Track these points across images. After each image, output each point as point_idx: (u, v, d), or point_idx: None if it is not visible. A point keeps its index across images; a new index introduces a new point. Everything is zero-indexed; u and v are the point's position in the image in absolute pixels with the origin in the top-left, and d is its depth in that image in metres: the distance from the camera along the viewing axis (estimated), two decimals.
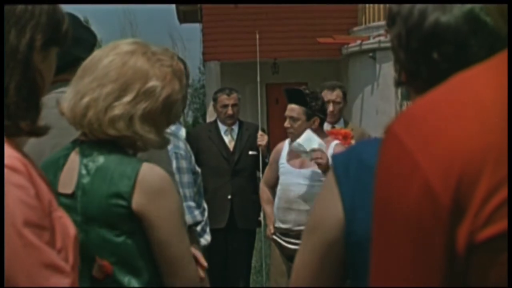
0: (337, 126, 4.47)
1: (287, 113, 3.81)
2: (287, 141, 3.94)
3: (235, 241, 4.62)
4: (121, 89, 1.54)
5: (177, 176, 2.37)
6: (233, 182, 4.58)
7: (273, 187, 4.01)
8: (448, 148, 0.63)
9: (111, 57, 1.57)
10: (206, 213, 2.73)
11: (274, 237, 3.87)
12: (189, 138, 4.90)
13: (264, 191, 4.07)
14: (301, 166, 3.77)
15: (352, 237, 1.04)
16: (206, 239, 2.73)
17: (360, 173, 1.04)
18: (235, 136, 4.72)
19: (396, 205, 0.66)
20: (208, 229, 2.75)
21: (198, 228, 2.64)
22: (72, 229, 1.18)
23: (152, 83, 1.56)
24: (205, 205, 2.74)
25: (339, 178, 1.06)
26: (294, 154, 3.79)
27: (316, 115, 3.80)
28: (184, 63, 2.72)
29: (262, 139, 4.57)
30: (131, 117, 1.53)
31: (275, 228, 3.86)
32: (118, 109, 1.53)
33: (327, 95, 4.47)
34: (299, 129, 3.76)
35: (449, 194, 0.62)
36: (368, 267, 0.70)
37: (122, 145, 1.58)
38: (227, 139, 4.74)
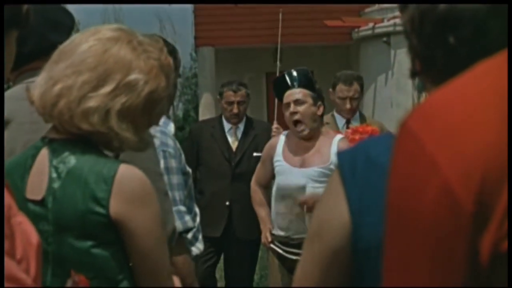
0: (354, 122, 4.49)
1: (289, 98, 3.75)
2: (282, 136, 3.92)
3: (233, 252, 4.63)
4: (100, 78, 1.54)
5: (165, 177, 2.37)
6: (233, 186, 4.61)
7: (266, 187, 4.01)
8: (470, 145, 0.63)
9: (92, 42, 1.57)
10: (198, 219, 2.73)
11: (273, 246, 3.85)
12: (190, 134, 4.97)
13: (256, 191, 4.04)
14: (303, 164, 3.75)
15: (359, 244, 1.04)
16: (198, 248, 2.73)
17: (368, 172, 1.03)
18: (239, 136, 4.76)
19: (411, 210, 0.66)
20: (200, 237, 2.74)
21: (189, 235, 2.63)
22: (34, 237, 1.17)
23: (135, 75, 1.56)
24: (196, 210, 2.74)
25: (344, 178, 1.06)
26: (293, 150, 3.77)
27: (321, 101, 3.80)
28: (174, 49, 2.71)
29: (278, 132, 4.57)
30: (107, 111, 1.53)
31: (272, 235, 3.84)
32: (93, 101, 1.53)
33: (343, 91, 4.48)
34: (306, 113, 3.72)
35: (471, 198, 0.62)
36: (377, 277, 0.71)
37: (96, 143, 1.58)
38: (230, 138, 4.78)
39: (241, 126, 4.78)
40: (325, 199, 1.11)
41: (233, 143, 4.76)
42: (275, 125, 4.76)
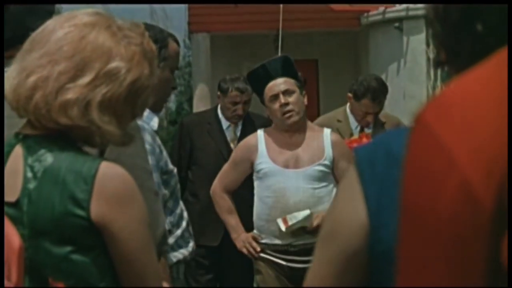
0: (367, 130, 4.48)
1: (275, 90, 3.71)
2: (259, 133, 3.83)
3: (233, 262, 4.61)
4: (77, 68, 1.54)
5: None
6: None
7: (231, 193, 3.94)
8: (489, 140, 0.64)
9: (67, 28, 1.57)
10: (184, 222, 2.72)
11: (265, 255, 3.80)
12: (181, 129, 4.92)
13: (223, 198, 3.95)
14: (295, 163, 3.71)
15: (378, 247, 1.04)
16: (182, 253, 2.72)
17: (388, 168, 1.04)
18: (238, 133, 4.73)
19: (428, 209, 0.67)
20: (188, 243, 2.73)
21: (171, 240, 2.63)
22: (16, 241, 1.18)
23: (116, 63, 1.56)
24: (184, 214, 2.74)
25: (362, 175, 1.07)
26: (279, 148, 3.72)
27: (304, 90, 3.78)
28: (173, 37, 2.70)
29: None
30: (87, 103, 1.54)
31: (263, 245, 3.79)
32: (72, 92, 1.53)
33: (369, 107, 4.43)
34: (298, 103, 3.70)
35: (491, 196, 0.63)
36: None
37: (75, 139, 1.58)
38: (229, 135, 4.75)
39: (240, 123, 4.77)
40: (341, 198, 1.12)
41: (232, 141, 4.73)
42: None
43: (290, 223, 3.62)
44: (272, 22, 11.41)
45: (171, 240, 2.63)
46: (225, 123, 4.76)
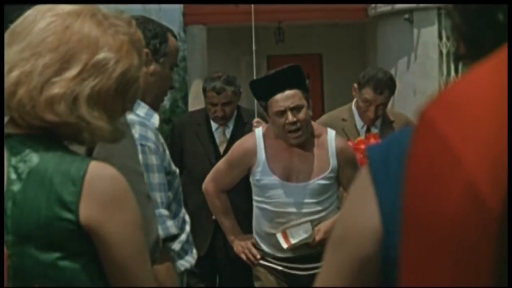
0: (373, 129, 4.46)
1: (283, 105, 3.62)
2: (257, 135, 3.77)
3: (223, 273, 4.61)
4: (63, 60, 1.55)
5: (145, 176, 2.37)
6: None
7: (224, 192, 3.90)
8: (495, 138, 0.64)
9: (49, 18, 1.57)
10: (187, 227, 2.72)
11: (265, 262, 3.79)
12: (172, 131, 4.91)
13: (218, 198, 3.90)
14: (298, 177, 3.66)
15: (392, 253, 1.02)
16: (188, 261, 2.73)
17: (403, 169, 1.02)
18: (228, 135, 4.71)
19: (432, 210, 0.67)
20: (192, 250, 2.74)
21: (177, 246, 2.63)
22: None
23: (104, 54, 1.57)
24: (186, 217, 2.74)
25: (375, 176, 1.06)
26: (280, 157, 3.67)
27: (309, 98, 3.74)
28: (172, 32, 2.71)
29: (258, 126, 4.53)
30: (75, 97, 1.54)
31: (262, 252, 3.78)
32: (58, 87, 1.53)
33: (369, 95, 4.40)
34: (305, 120, 3.64)
35: (498, 197, 0.63)
36: None
37: (62, 137, 1.58)
38: (218, 138, 4.72)
39: (231, 124, 4.73)
40: (351, 201, 1.11)
41: (221, 144, 4.71)
42: (255, 120, 4.63)
43: (292, 241, 3.61)
44: (273, 13, 11.40)
45: (177, 246, 2.63)
46: (214, 124, 4.75)
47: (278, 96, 3.65)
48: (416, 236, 0.70)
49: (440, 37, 10.30)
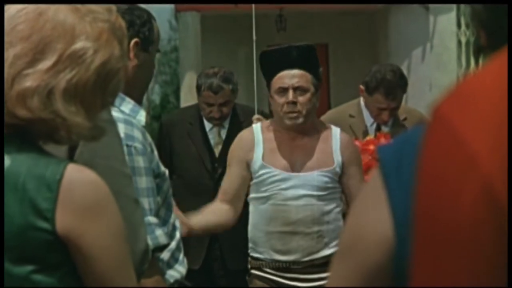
0: (385, 128, 4.47)
1: (286, 82, 3.66)
2: (255, 128, 3.80)
3: (219, 286, 4.62)
4: (36, 50, 1.55)
5: None
6: None
7: (228, 201, 3.78)
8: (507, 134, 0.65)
9: (20, 5, 1.57)
10: (177, 234, 2.73)
11: (262, 274, 3.78)
12: (160, 130, 4.89)
13: (212, 204, 3.78)
14: (300, 169, 3.68)
15: (405, 263, 1.02)
16: (179, 271, 2.73)
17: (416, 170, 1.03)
18: (224, 135, 4.70)
19: (445, 212, 0.69)
20: (181, 257, 2.75)
21: (166, 255, 2.64)
22: None
23: (81, 43, 1.57)
24: (176, 223, 2.74)
25: (388, 179, 1.07)
26: (280, 148, 3.69)
27: (319, 89, 3.75)
28: (150, 16, 2.71)
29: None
30: (50, 91, 1.54)
31: (258, 261, 3.76)
32: (31, 79, 1.53)
33: (381, 102, 4.38)
34: (307, 106, 3.67)
35: (508, 194, 0.65)
36: None
37: (37, 136, 1.58)
38: (213, 138, 4.72)
39: (226, 124, 4.72)
40: (362, 206, 1.12)
41: (216, 146, 4.70)
42: (256, 116, 4.64)
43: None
44: None
45: (166, 255, 2.64)
46: (208, 124, 4.72)
47: (284, 73, 3.69)
48: (429, 238, 0.72)
49: (458, 25, 10.30)
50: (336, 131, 3.77)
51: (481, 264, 0.67)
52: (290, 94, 3.65)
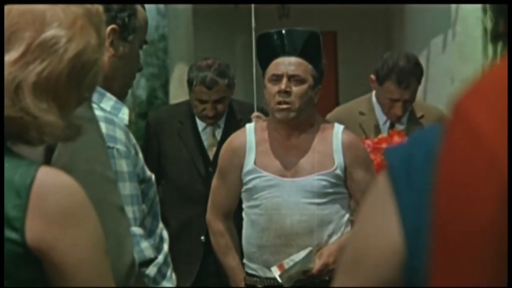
0: (399, 126, 4.46)
1: (281, 69, 3.67)
2: (248, 129, 3.82)
3: None
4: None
5: None
6: None
7: (229, 216, 3.89)
8: None
9: None
10: (165, 246, 2.73)
11: None
12: (147, 129, 4.90)
13: (218, 230, 3.88)
14: (295, 173, 3.69)
15: (417, 275, 1.05)
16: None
17: (429, 176, 1.02)
18: (219, 136, 4.71)
19: (467, 214, 0.71)
20: (169, 272, 2.75)
21: (152, 271, 2.64)
22: None
23: (53, 31, 1.58)
24: (164, 234, 2.75)
25: (397, 185, 1.08)
26: (273, 150, 3.70)
27: (321, 83, 3.75)
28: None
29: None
30: (17, 85, 1.55)
31: (255, 278, 3.77)
32: None
33: (392, 92, 4.38)
34: (301, 98, 3.66)
35: None
36: None
37: (5, 136, 1.58)
38: (206, 140, 4.73)
39: (222, 123, 4.73)
40: (367, 215, 1.14)
41: (210, 148, 4.71)
42: (255, 114, 4.65)
43: (286, 266, 3.61)
44: None
45: (152, 270, 2.64)
46: (201, 123, 4.73)
47: (281, 59, 3.71)
48: (449, 242, 0.74)
49: (484, 11, 10.30)
50: (338, 128, 3.75)
51: (504, 273, 0.69)
52: (284, 82, 3.65)
